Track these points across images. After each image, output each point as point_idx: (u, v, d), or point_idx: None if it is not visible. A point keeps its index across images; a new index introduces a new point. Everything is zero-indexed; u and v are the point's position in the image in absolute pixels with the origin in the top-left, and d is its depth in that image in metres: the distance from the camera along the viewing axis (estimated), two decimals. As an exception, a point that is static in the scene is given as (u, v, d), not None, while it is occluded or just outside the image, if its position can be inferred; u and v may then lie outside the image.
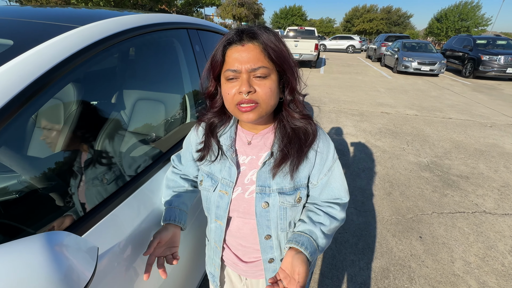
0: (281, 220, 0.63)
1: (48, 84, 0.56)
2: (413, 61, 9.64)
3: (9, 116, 0.50)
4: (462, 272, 1.68)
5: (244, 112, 0.56)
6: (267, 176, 0.62)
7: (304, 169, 0.62)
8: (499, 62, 8.70)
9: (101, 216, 0.66)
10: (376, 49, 14.49)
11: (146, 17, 0.91)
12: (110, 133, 0.86)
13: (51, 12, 0.87)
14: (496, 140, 3.88)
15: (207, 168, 0.69)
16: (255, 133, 0.66)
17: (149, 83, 1.07)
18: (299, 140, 0.61)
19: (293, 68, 0.57)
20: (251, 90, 0.54)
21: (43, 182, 0.69)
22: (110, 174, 0.81)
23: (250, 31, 0.54)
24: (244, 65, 0.53)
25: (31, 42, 0.59)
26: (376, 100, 6.03)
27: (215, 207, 0.67)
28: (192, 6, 17.97)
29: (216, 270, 0.76)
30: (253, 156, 0.65)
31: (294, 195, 0.63)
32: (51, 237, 0.44)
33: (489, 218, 2.19)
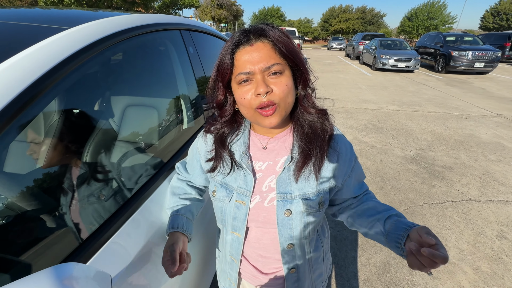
0: (305, 227, 0.60)
1: (36, 97, 0.49)
2: (390, 58, 10.04)
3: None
4: (457, 259, 1.74)
5: (266, 117, 0.53)
6: (288, 182, 0.59)
7: (326, 170, 0.60)
8: (468, 57, 9.28)
9: (104, 241, 0.60)
10: (354, 48, 14.95)
11: (139, 18, 0.85)
12: (103, 144, 0.78)
13: (35, 13, 0.79)
14: (473, 130, 4.11)
15: (220, 177, 0.64)
16: (271, 137, 0.62)
17: (144, 87, 1.01)
18: (318, 137, 0.58)
19: (303, 61, 0.56)
20: (269, 90, 0.51)
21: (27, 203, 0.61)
22: (106, 190, 0.74)
23: (257, 29, 0.52)
24: (256, 65, 0.51)
25: (17, 46, 0.52)
26: (359, 97, 6.21)
27: (231, 219, 0.63)
28: (170, 8, 17.58)
29: (232, 285, 0.72)
30: (270, 161, 0.62)
31: (317, 200, 0.60)
32: (58, 271, 0.38)
33: (475, 206, 2.30)
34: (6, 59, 0.48)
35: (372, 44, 11.66)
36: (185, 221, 0.69)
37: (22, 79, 0.47)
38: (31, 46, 0.52)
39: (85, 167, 0.72)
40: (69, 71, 0.55)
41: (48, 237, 0.57)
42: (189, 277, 0.85)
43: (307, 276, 0.68)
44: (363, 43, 13.95)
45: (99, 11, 0.91)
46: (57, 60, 0.53)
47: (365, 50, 12.37)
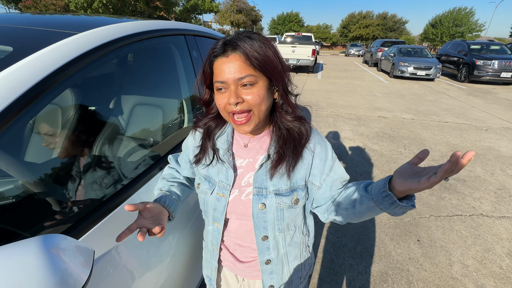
0: (278, 221, 0.64)
1: (46, 90, 0.57)
2: (409, 66, 9.76)
3: (7, 121, 0.50)
4: (461, 275, 1.67)
5: (240, 125, 0.58)
6: (264, 178, 0.63)
7: (300, 170, 0.63)
8: (493, 67, 8.83)
9: (98, 220, 0.67)
10: (373, 55, 14.67)
11: (143, 24, 0.93)
12: (108, 138, 0.86)
13: (50, 19, 0.89)
14: (492, 143, 3.91)
15: (204, 171, 0.70)
16: (252, 136, 0.67)
17: (147, 88, 1.09)
18: (293, 140, 0.62)
19: (280, 72, 0.58)
20: (239, 101, 0.55)
21: (39, 186, 0.69)
22: (108, 179, 0.81)
23: (232, 42, 0.55)
24: (230, 76, 0.54)
25: (30, 48, 0.60)
26: (373, 105, 6.09)
27: (212, 210, 0.68)
28: (190, 12, 18.17)
29: (213, 273, 0.77)
30: (250, 159, 0.66)
31: (291, 196, 0.63)
32: (47, 240, 0.44)
33: (486, 221, 2.20)
34: (21, 59, 0.57)
35: (391, 51, 11.40)
36: (169, 198, 0.72)
37: (32, 76, 0.55)
38: (43, 48, 0.60)
39: (93, 157, 0.80)
40: (73, 71, 0.63)
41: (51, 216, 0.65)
42: (180, 271, 0.91)
43: (284, 270, 0.71)
44: (382, 50, 13.66)
45: (113, 17, 1.01)
46: (65, 61, 0.61)
47: (383, 57, 12.11)
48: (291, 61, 10.12)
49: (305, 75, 10.42)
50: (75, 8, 12.00)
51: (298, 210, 0.67)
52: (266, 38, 0.58)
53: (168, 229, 0.86)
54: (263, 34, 0.61)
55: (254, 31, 0.60)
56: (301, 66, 10.40)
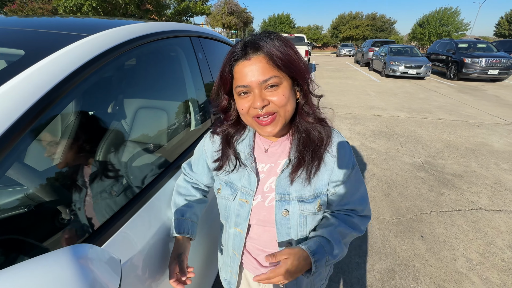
0: (301, 228, 0.63)
1: (63, 94, 0.55)
2: (400, 65, 9.95)
3: (25, 128, 0.48)
4: (465, 269, 1.70)
5: (264, 126, 0.56)
6: (286, 184, 0.61)
7: (323, 175, 0.61)
8: (481, 64, 9.09)
9: (113, 231, 0.64)
10: (364, 54, 14.90)
11: (151, 26, 0.91)
12: (116, 144, 0.84)
13: (58, 22, 0.86)
14: (485, 138, 4.02)
15: (225, 176, 0.68)
16: (273, 141, 0.65)
17: (155, 91, 1.07)
18: (313, 144, 0.59)
19: (303, 71, 0.56)
20: (265, 103, 0.54)
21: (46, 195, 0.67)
22: (117, 186, 0.79)
23: (253, 44, 0.53)
24: (253, 79, 0.52)
25: (42, 51, 0.58)
26: (367, 104, 6.17)
27: (235, 216, 0.66)
28: (182, 15, 18.08)
29: (233, 277, 0.75)
30: (272, 164, 0.65)
31: (315, 203, 0.62)
32: (76, 250, 0.42)
33: (485, 215, 2.24)
34: (34, 63, 0.54)
35: (382, 50, 11.60)
36: (190, 225, 0.73)
37: (48, 81, 0.53)
38: (56, 51, 0.58)
39: (99, 164, 0.77)
40: (88, 74, 0.61)
41: (63, 226, 0.62)
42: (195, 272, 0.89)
43: None
44: (373, 50, 13.88)
45: (115, 19, 0.98)
46: (78, 64, 0.59)
47: (374, 57, 12.30)
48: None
49: (298, 76, 10.46)
50: (64, 12, 11.78)
51: (320, 216, 0.66)
52: (285, 37, 0.56)
53: None
54: (279, 34, 0.57)
55: (272, 31, 0.57)
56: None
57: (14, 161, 0.48)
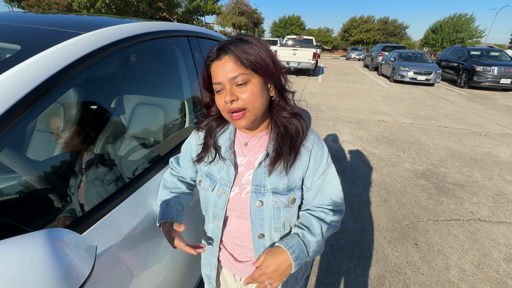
0: (275, 219, 0.65)
1: (52, 88, 0.58)
2: (409, 70, 9.81)
3: (15, 117, 0.52)
4: (457, 279, 1.68)
5: (236, 120, 0.61)
6: (263, 176, 0.65)
7: (298, 169, 0.65)
8: (493, 73, 8.89)
9: (100, 216, 0.68)
10: (373, 59, 14.75)
11: (147, 25, 0.95)
12: (111, 136, 0.88)
13: (56, 19, 0.91)
14: (491, 149, 3.94)
15: (206, 168, 0.72)
16: (252, 135, 0.69)
17: (150, 88, 1.10)
18: (290, 137, 0.64)
19: (272, 70, 0.60)
20: (233, 98, 0.58)
21: (42, 183, 0.71)
22: (109, 175, 0.82)
23: (223, 46, 0.58)
24: (223, 76, 0.58)
25: (37, 47, 0.62)
26: (373, 108, 6.12)
27: (212, 206, 0.69)
28: (192, 14, 18.27)
29: (212, 271, 0.78)
30: (250, 157, 0.68)
31: (288, 196, 0.65)
32: (52, 234, 0.45)
33: (484, 226, 2.21)
34: (28, 58, 0.58)
35: (392, 55, 11.47)
36: (175, 212, 0.75)
37: (39, 75, 0.57)
38: (50, 47, 0.62)
39: (95, 155, 0.81)
40: (79, 70, 0.64)
41: (54, 212, 0.66)
42: (180, 267, 0.92)
43: None
44: (383, 54, 13.73)
45: (117, 17, 1.02)
46: (70, 60, 0.63)
47: (383, 61, 12.17)
48: (292, 64, 10.17)
49: (305, 78, 10.46)
50: (78, 8, 12.06)
51: (294, 210, 0.68)
52: (258, 40, 0.61)
53: None
54: (254, 36, 0.63)
55: (247, 34, 0.63)
56: (302, 69, 10.44)
57: (1, 148, 0.52)
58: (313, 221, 0.66)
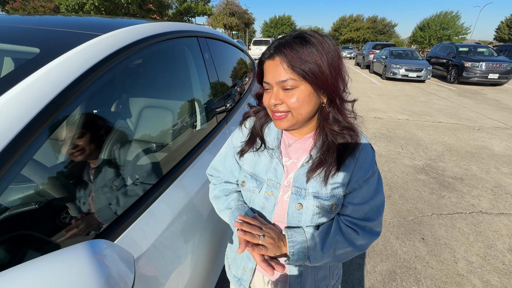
0: (312, 225, 0.63)
1: (77, 92, 0.56)
2: (400, 68, 9.98)
3: (42, 124, 0.49)
4: (466, 271, 1.71)
5: (277, 120, 0.60)
6: (303, 179, 0.62)
7: (341, 176, 0.61)
8: (481, 68, 9.13)
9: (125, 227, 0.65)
10: (365, 57, 14.94)
11: (160, 26, 0.92)
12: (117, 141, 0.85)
13: (71, 21, 0.87)
14: (485, 142, 4.03)
15: (250, 168, 0.69)
16: (298, 138, 0.66)
17: (162, 90, 1.08)
18: (337, 150, 0.59)
19: (329, 80, 0.54)
20: (277, 102, 0.57)
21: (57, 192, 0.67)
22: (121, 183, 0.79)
23: (279, 46, 0.55)
24: (272, 79, 0.56)
25: (57, 50, 0.59)
26: (368, 106, 6.19)
27: (259, 209, 0.67)
28: (183, 15, 18.11)
29: (246, 274, 0.74)
30: (295, 159, 0.65)
31: (331, 201, 0.61)
32: (92, 246, 0.43)
33: (486, 218, 2.25)
34: (50, 61, 0.55)
35: (383, 53, 11.64)
36: (247, 210, 0.70)
37: (63, 79, 0.54)
38: (70, 50, 0.59)
39: (106, 162, 0.78)
40: (101, 73, 0.62)
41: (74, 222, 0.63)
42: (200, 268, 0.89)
43: (310, 274, 0.70)
44: (374, 52, 13.92)
45: (118, 18, 0.99)
46: (92, 63, 0.60)
47: (375, 59, 12.34)
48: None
49: (299, 77, 10.49)
50: (66, 10, 11.79)
51: (333, 216, 0.64)
52: (323, 41, 0.55)
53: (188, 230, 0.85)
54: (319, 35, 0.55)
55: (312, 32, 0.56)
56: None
57: (31, 157, 0.49)
58: (333, 234, 0.61)
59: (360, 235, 0.61)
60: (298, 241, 0.60)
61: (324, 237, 0.61)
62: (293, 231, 0.61)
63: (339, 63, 0.56)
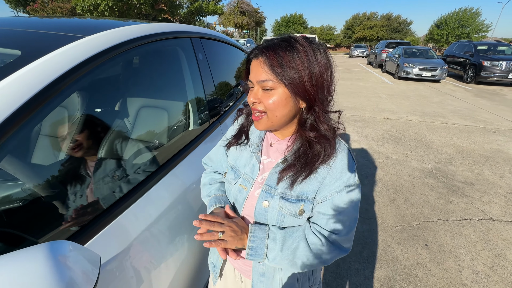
0: (278, 225, 0.63)
1: (54, 93, 0.57)
2: (414, 67, 9.67)
3: (16, 124, 0.50)
4: (470, 281, 1.63)
5: (255, 120, 0.62)
6: (275, 179, 0.63)
7: (312, 182, 0.60)
8: (501, 68, 8.70)
9: (107, 223, 0.66)
10: (377, 56, 14.58)
11: (149, 27, 0.93)
12: (115, 140, 0.86)
13: (57, 23, 0.89)
14: (501, 145, 3.84)
15: (232, 161, 0.73)
16: (280, 138, 0.67)
17: (153, 90, 1.08)
18: (309, 157, 0.59)
19: (308, 90, 0.54)
20: (255, 101, 0.59)
21: (47, 189, 0.69)
22: (116, 178, 0.81)
23: (265, 48, 0.56)
24: (254, 77, 0.58)
25: (38, 52, 0.60)
26: (378, 106, 6.04)
27: (233, 200, 0.70)
28: (194, 15, 18.30)
29: (218, 261, 0.78)
30: (273, 159, 0.67)
31: (296, 205, 0.61)
32: (54, 247, 0.43)
33: (496, 226, 2.15)
34: (29, 63, 0.56)
35: (396, 52, 11.32)
36: (224, 198, 0.74)
37: (40, 80, 0.55)
38: (51, 52, 0.60)
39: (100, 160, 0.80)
40: (82, 74, 0.63)
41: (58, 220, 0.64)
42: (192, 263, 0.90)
43: (275, 276, 0.68)
44: (386, 51, 13.56)
45: (116, 20, 1.01)
46: (72, 65, 0.61)
47: (388, 58, 12.02)
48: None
49: (309, 77, 10.38)
50: (82, 11, 12.17)
51: (301, 222, 0.63)
52: (309, 51, 0.54)
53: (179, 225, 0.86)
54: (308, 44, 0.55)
55: (300, 39, 0.56)
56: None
57: (3, 156, 0.50)
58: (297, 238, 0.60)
59: (325, 246, 0.59)
60: (259, 237, 0.61)
61: (286, 238, 0.61)
62: (258, 227, 0.62)
63: (323, 74, 0.55)
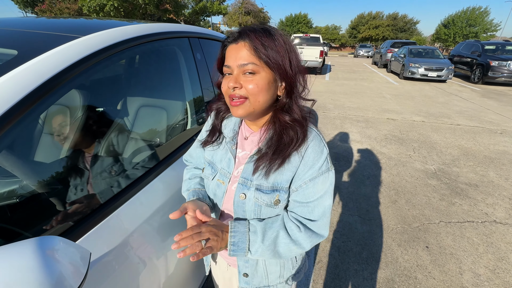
0: (256, 216, 0.64)
1: (48, 92, 0.58)
2: (419, 67, 9.56)
3: (11, 121, 0.51)
4: (471, 284, 1.61)
5: (234, 107, 0.59)
6: (251, 170, 0.63)
7: (286, 172, 0.61)
8: (509, 68, 8.54)
9: (101, 219, 0.67)
10: (382, 56, 14.44)
11: (147, 27, 0.94)
12: (114, 139, 0.87)
13: (55, 23, 0.91)
14: (507, 147, 3.77)
15: (209, 157, 0.73)
16: (254, 130, 0.67)
17: (151, 90, 1.10)
18: (281, 142, 0.60)
19: (288, 71, 0.57)
20: (236, 86, 0.56)
21: (44, 186, 0.71)
22: (114, 175, 0.82)
23: (244, 31, 0.56)
24: (235, 61, 0.56)
25: (34, 52, 0.62)
26: (382, 107, 5.98)
27: (212, 195, 0.71)
28: (199, 15, 18.38)
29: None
30: (248, 151, 0.67)
31: (271, 196, 0.61)
32: (43, 242, 0.44)
33: (499, 228, 2.11)
34: (25, 62, 0.58)
35: (401, 51, 11.20)
36: (203, 193, 0.73)
37: (35, 79, 0.56)
38: (47, 51, 0.62)
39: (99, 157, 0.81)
40: (76, 74, 0.64)
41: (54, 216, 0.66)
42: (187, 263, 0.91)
43: (258, 262, 0.70)
44: (392, 51, 13.43)
45: (115, 20, 1.02)
46: (67, 64, 0.62)
47: (393, 58, 11.90)
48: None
49: (312, 77, 10.35)
50: (88, 12, 12.33)
51: (278, 211, 0.64)
52: (284, 36, 0.58)
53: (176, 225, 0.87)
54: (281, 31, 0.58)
55: (274, 27, 0.59)
56: (309, 67, 10.33)
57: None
58: (277, 227, 0.61)
59: (303, 232, 0.61)
60: (240, 231, 0.60)
61: (266, 230, 0.61)
62: (238, 222, 0.62)
63: (299, 61, 0.58)
